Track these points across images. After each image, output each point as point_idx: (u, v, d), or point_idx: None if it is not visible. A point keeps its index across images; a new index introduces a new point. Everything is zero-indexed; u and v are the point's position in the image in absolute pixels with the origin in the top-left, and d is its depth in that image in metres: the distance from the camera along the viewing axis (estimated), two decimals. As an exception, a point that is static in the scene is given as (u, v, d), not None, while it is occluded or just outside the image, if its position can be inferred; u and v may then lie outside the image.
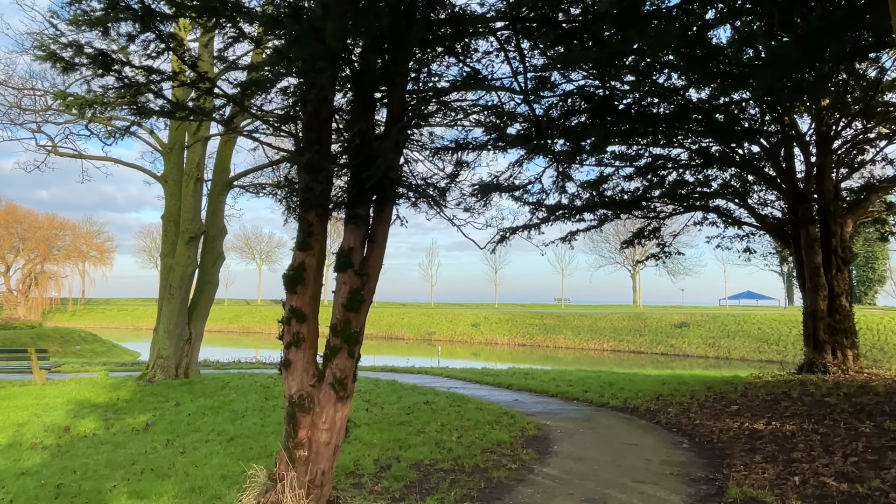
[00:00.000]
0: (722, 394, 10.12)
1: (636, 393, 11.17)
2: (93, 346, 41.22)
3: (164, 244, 15.23)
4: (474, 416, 9.22)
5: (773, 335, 41.29)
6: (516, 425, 8.48)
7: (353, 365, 5.04)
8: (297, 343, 5.03)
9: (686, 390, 10.94)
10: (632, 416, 9.54)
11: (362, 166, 4.99)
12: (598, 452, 7.01)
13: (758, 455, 6.44)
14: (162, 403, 11.72)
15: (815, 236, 10.78)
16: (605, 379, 13.61)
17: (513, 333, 52.00)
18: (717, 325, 44.69)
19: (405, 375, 16.20)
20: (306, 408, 4.87)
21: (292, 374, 5.02)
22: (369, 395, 11.90)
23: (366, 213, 5.19)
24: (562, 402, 11.17)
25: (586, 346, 47.22)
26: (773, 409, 8.56)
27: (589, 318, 51.20)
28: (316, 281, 5.17)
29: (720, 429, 7.90)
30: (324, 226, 5.24)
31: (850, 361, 10.42)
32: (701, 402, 9.75)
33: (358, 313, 5.05)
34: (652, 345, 44.55)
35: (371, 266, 5.19)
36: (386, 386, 13.17)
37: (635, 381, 12.99)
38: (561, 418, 9.35)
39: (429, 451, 6.89)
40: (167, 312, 14.45)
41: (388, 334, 58.57)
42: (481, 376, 15.08)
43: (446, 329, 56.04)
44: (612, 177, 12.32)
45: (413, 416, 9.46)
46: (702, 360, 40.46)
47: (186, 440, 8.48)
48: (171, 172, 15.34)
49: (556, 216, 12.33)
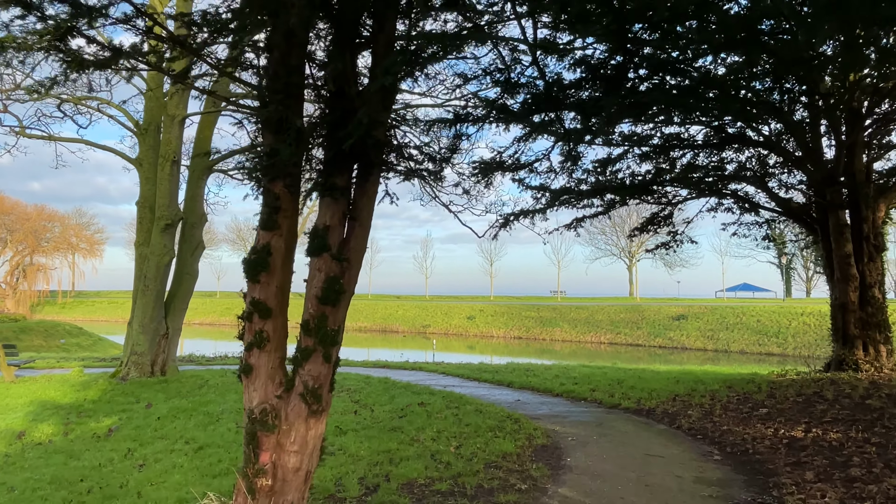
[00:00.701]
0: (745, 394, 9.21)
1: (649, 393, 10.25)
2: (78, 340, 40.08)
3: (138, 232, 14.17)
4: (474, 420, 8.28)
5: (772, 327, 40.62)
6: (522, 432, 7.55)
7: (329, 371, 4.07)
8: (259, 344, 4.05)
9: (704, 390, 10.04)
10: (648, 419, 8.62)
11: (340, 123, 4.01)
12: (619, 467, 6.08)
13: (808, 471, 5.52)
14: (131, 405, 10.74)
15: (844, 222, 9.86)
16: (612, 377, 12.70)
17: (509, 326, 51.17)
18: (715, 317, 43.96)
19: (398, 372, 15.26)
20: (270, 425, 3.90)
21: (254, 383, 4.05)
22: (359, 395, 10.96)
23: (345, 183, 4.20)
24: (568, 403, 10.24)
25: (583, 338, 46.43)
26: (809, 412, 7.65)
27: (586, 310, 50.39)
28: (285, 268, 4.19)
29: (752, 436, 6.98)
30: (294, 200, 4.25)
31: (884, 358, 9.53)
32: (724, 403, 8.84)
33: (336, 307, 4.08)
34: (650, 338, 43.82)
35: (352, 249, 4.21)
36: (378, 384, 12.22)
37: (645, 378, 12.09)
38: (570, 423, 8.42)
39: (423, 466, 5.94)
40: (142, 305, 13.42)
41: (383, 327, 57.69)
42: (479, 373, 14.15)
43: (441, 322, 55.15)
44: (623, 158, 11.35)
45: (406, 420, 8.51)
46: (700, 353, 39.77)
47: (150, 449, 7.51)
48: (146, 155, 14.28)
49: (561, 201, 11.36)
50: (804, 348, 37.44)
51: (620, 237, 78.20)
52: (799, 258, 74.50)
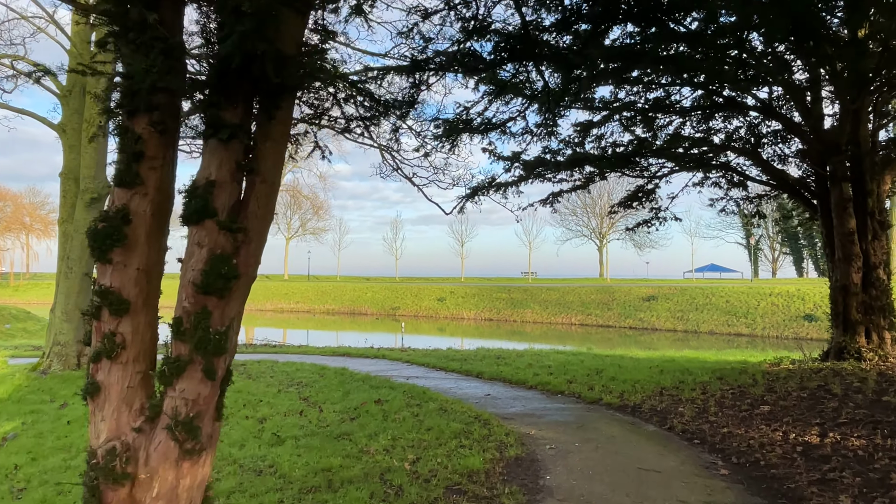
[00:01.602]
0: (740, 387, 8.25)
1: (633, 385, 9.24)
2: (25, 325, 37.80)
3: (62, 207, 12.54)
4: (437, 422, 7.12)
5: (741, 308, 40.58)
6: (492, 439, 6.42)
7: (213, 392, 2.81)
8: (110, 352, 2.77)
9: (693, 382, 9.06)
10: (635, 418, 7.59)
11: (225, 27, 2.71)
12: (610, 487, 4.99)
13: (841, 494, 4.50)
14: (44, 404, 9.30)
15: (848, 196, 8.92)
16: (589, 365, 11.69)
17: (479, 308, 50.32)
18: (685, 298, 43.78)
19: (359, 361, 14.03)
20: (118, 473, 2.64)
21: (102, 409, 2.77)
22: (310, 390, 9.72)
23: (238, 119, 2.90)
24: (544, 398, 9.17)
25: (554, 320, 45.87)
26: (819, 411, 6.69)
27: (556, 291, 49.80)
28: (151, 242, 2.90)
29: (759, 441, 5.98)
30: (166, 144, 2.95)
31: (889, 346, 8.68)
32: (718, 399, 7.85)
33: (224, 299, 2.81)
34: (620, 318, 43.46)
35: (251, 216, 2.94)
36: (333, 376, 10.98)
37: (626, 367, 11.10)
38: (547, 424, 7.33)
39: (368, 494, 4.75)
40: (65, 290, 11.87)
41: (351, 309, 56.35)
42: (446, 361, 13.01)
43: (411, 304, 54.03)
44: (605, 123, 10.21)
45: (358, 423, 7.31)
46: (670, 334, 39.57)
47: (38, 468, 6.17)
48: (69, 120, 12.60)
49: (536, 173, 10.19)
50: (773, 328, 37.50)
51: (592, 218, 77.93)
52: (766, 239, 75.32)
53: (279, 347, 17.60)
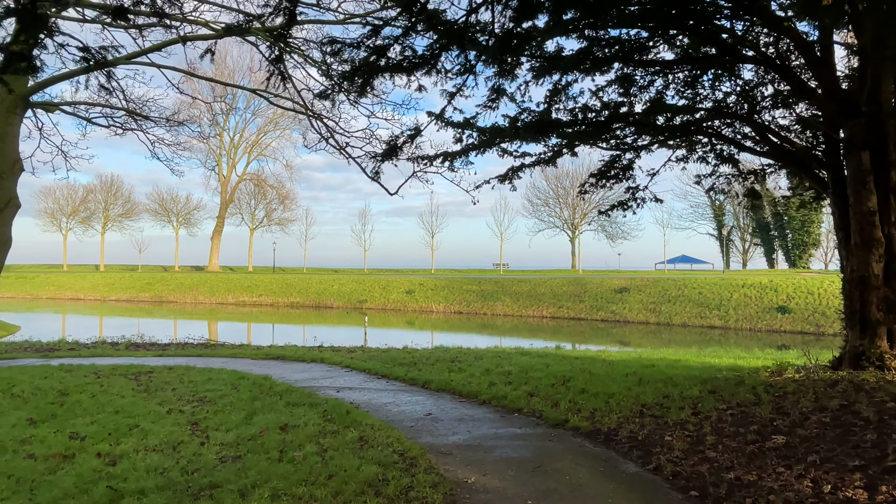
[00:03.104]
0: (741, 406, 6.55)
1: (606, 401, 7.50)
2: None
3: (-80, 184, 10.30)
4: (347, 464, 5.26)
5: (714, 300, 39.63)
6: (412, 494, 4.59)
7: None
8: None
9: (679, 396, 7.35)
10: (609, 450, 5.83)
11: None
12: None
13: None
14: None
15: (867, 168, 7.29)
16: (556, 371, 9.95)
17: (449, 301, 48.55)
18: (657, 289, 42.68)
19: (292, 366, 12.08)
20: None
21: None
22: (208, 410, 7.77)
23: None
24: (497, 418, 7.38)
25: (525, 312, 44.36)
26: (853, 446, 5.00)
27: (528, 283, 48.31)
28: None
29: (784, 498, 4.25)
30: None
31: (918, 352, 7.12)
32: (714, 422, 6.15)
33: None
34: (592, 311, 42.17)
35: None
36: (248, 389, 9.05)
37: (598, 374, 9.38)
38: (494, 463, 5.52)
39: None
40: None
41: (317, 302, 54.08)
42: (392, 367, 11.15)
43: (379, 297, 52.00)
44: (573, 85, 8.41)
45: (241, 465, 5.41)
46: (643, 327, 38.45)
47: None
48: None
49: (489, 141, 8.36)
50: (746, 321, 36.58)
51: (564, 208, 76.74)
52: (736, 230, 75.05)
53: (211, 349, 15.52)
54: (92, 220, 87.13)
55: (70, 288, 66.06)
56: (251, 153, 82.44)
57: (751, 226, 72.95)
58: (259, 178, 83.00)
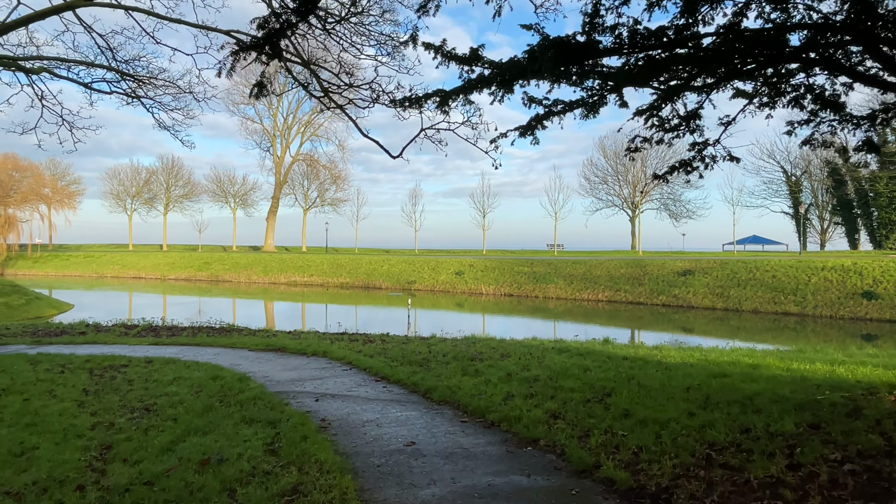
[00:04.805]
0: (863, 457, 4.26)
1: (657, 432, 5.33)
2: (8, 300, 35.66)
3: None
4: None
5: (789, 284, 35.84)
6: None
7: None
8: None
9: (765, 431, 5.08)
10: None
11: None
12: None
13: None
14: None
15: None
16: (595, 379, 7.79)
17: (499, 283, 46.46)
18: (725, 272, 39.05)
19: (284, 362, 10.38)
20: None
21: None
22: (136, 428, 6.12)
23: None
24: (500, 454, 5.34)
25: (579, 296, 41.75)
26: None
27: (583, 265, 45.54)
28: None
29: None
30: None
31: None
32: (825, 486, 3.91)
33: None
34: (652, 295, 39.10)
35: None
36: (209, 395, 7.40)
37: (651, 388, 7.15)
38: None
39: None
40: None
41: (366, 283, 53.10)
42: (398, 365, 9.28)
43: (428, 278, 50.47)
44: None
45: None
46: (708, 312, 35.23)
47: None
48: None
49: (501, 78, 6.23)
50: (826, 307, 32.84)
51: (623, 186, 72.78)
52: (814, 208, 69.03)
53: (222, 335, 14.09)
54: (154, 201, 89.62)
55: (133, 267, 67.93)
56: (304, 134, 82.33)
57: (831, 203, 66.84)
58: (311, 159, 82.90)
